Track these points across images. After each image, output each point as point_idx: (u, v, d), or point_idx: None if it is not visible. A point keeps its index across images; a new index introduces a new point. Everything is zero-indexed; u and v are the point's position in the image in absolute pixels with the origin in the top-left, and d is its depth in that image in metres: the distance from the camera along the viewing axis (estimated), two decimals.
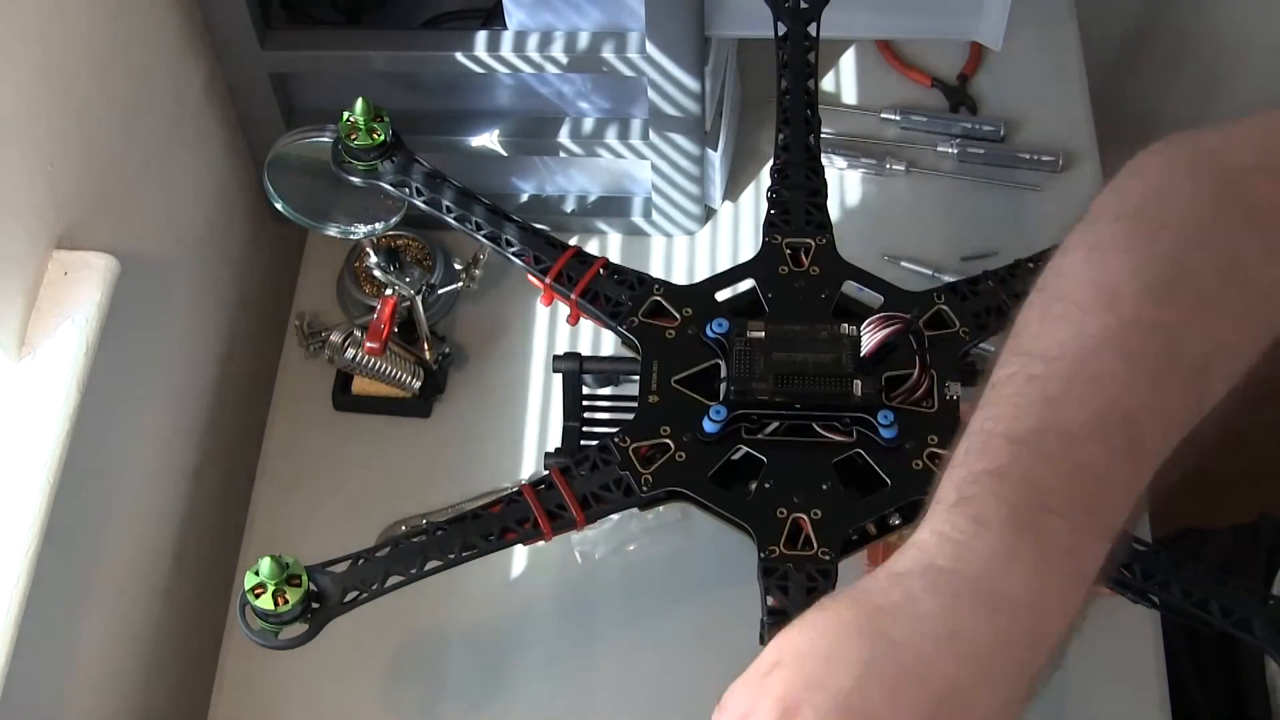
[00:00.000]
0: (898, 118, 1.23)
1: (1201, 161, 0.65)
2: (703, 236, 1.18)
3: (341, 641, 0.76)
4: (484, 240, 0.85)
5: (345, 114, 0.87)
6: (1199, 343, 0.59)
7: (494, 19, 1.06)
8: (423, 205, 0.87)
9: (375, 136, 0.86)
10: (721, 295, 0.83)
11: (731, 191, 1.19)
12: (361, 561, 0.73)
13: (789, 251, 0.83)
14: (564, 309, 0.85)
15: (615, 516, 1.00)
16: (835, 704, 0.52)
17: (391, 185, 0.88)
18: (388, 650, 0.99)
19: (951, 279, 1.12)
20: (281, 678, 0.98)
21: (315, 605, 0.71)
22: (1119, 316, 0.59)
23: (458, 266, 1.12)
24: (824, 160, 1.19)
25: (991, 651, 0.53)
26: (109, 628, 0.97)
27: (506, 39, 1.02)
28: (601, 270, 0.83)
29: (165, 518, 1.05)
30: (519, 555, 1.03)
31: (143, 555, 1.02)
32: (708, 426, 0.75)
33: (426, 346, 1.08)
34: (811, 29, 0.90)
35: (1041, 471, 0.55)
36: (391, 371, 1.06)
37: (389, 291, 1.04)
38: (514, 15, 1.02)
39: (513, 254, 0.85)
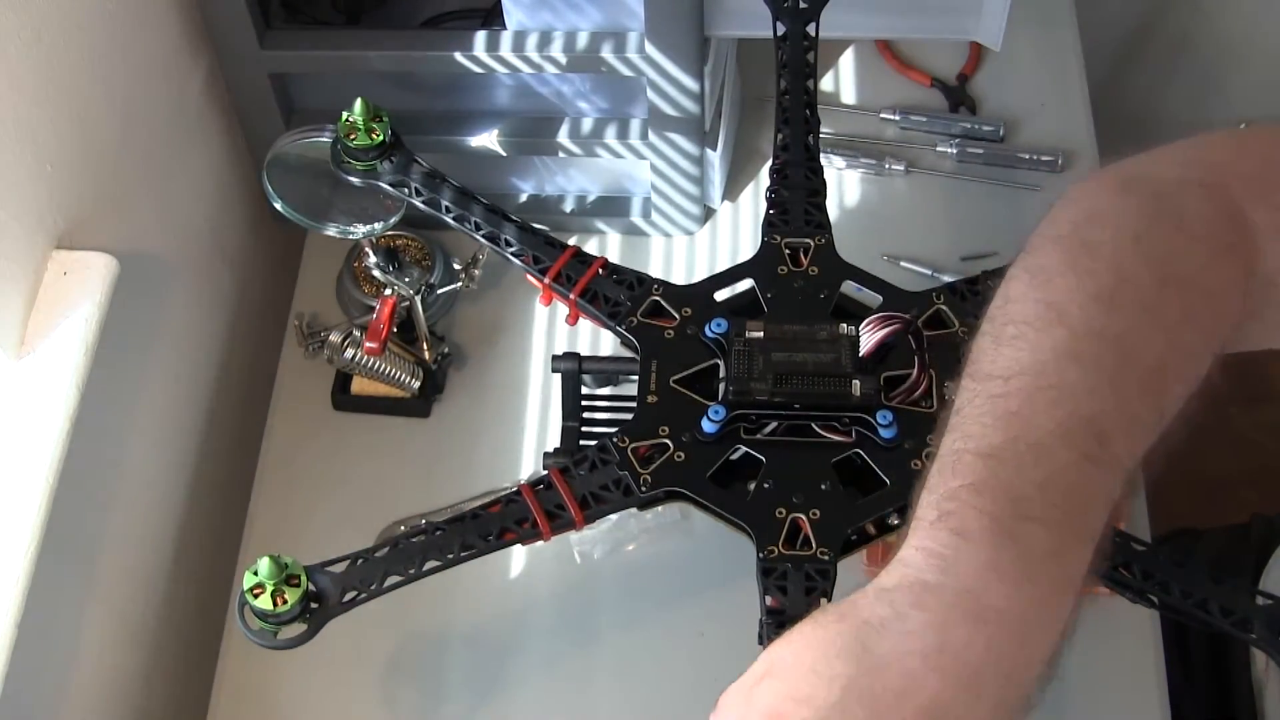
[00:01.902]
0: (897, 118, 1.23)
1: (1128, 182, 0.67)
2: (702, 236, 1.18)
3: (341, 642, 0.76)
4: (483, 240, 0.85)
5: (344, 114, 0.87)
6: (1151, 346, 0.60)
7: (493, 19, 1.07)
8: (422, 205, 0.87)
9: (374, 136, 0.86)
10: (720, 295, 0.83)
11: (731, 191, 1.19)
12: (360, 561, 0.72)
13: (788, 251, 0.83)
14: (563, 309, 0.85)
15: (614, 516, 1.00)
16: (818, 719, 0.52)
17: (390, 185, 0.88)
18: (387, 650, 0.99)
19: (951, 279, 1.13)
20: (281, 678, 0.98)
21: (314, 605, 0.71)
22: (1069, 329, 0.60)
23: (457, 266, 1.12)
24: (823, 160, 1.20)
25: (979, 664, 0.53)
26: (109, 627, 0.97)
27: (506, 39, 1.02)
28: (600, 270, 0.83)
29: (165, 517, 1.06)
30: (518, 555, 1.03)
31: (142, 555, 1.02)
32: (706, 426, 0.75)
33: (425, 346, 1.08)
34: (811, 29, 0.90)
35: (1016, 481, 0.56)
36: (391, 371, 1.06)
37: (388, 291, 1.04)
38: (513, 15, 1.02)
39: (512, 254, 0.85)
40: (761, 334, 0.77)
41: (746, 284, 0.84)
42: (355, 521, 1.03)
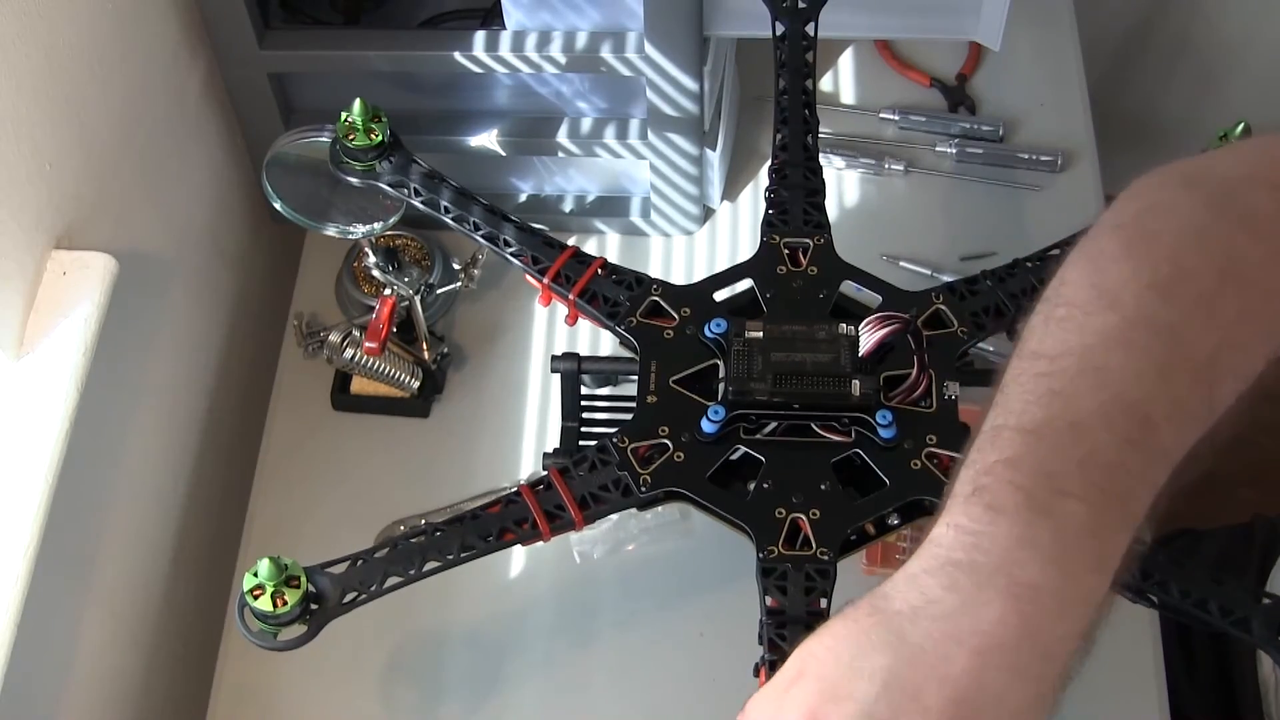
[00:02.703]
0: (896, 118, 1.23)
1: (1195, 176, 0.66)
2: (701, 236, 1.18)
3: (340, 642, 0.75)
4: (482, 240, 0.85)
5: (343, 114, 0.86)
6: (1204, 339, 0.59)
7: (492, 19, 1.07)
8: (420, 205, 0.87)
9: (373, 137, 0.86)
10: (720, 295, 0.83)
11: (730, 191, 1.19)
12: (360, 562, 0.72)
13: (787, 251, 0.83)
14: (562, 309, 0.85)
15: (614, 516, 1.00)
16: (860, 715, 0.52)
17: (389, 185, 0.87)
18: (386, 651, 0.99)
19: (950, 279, 1.12)
20: (280, 678, 0.98)
21: (314, 606, 0.70)
22: (1121, 315, 0.59)
23: (456, 266, 1.12)
24: (822, 160, 1.20)
25: (1016, 642, 0.52)
26: (108, 627, 0.97)
27: (505, 39, 1.02)
28: (600, 270, 0.83)
29: (164, 517, 1.06)
30: (518, 556, 1.03)
31: (141, 555, 1.02)
32: (706, 427, 0.75)
33: (425, 346, 1.08)
34: (810, 28, 0.90)
35: (1055, 458, 0.56)
36: (390, 371, 1.06)
37: (387, 291, 1.04)
38: (512, 15, 1.02)
39: (511, 254, 0.84)
40: (761, 334, 0.77)
41: (746, 284, 0.83)
42: (354, 521, 1.03)
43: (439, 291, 1.11)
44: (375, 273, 1.05)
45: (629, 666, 0.98)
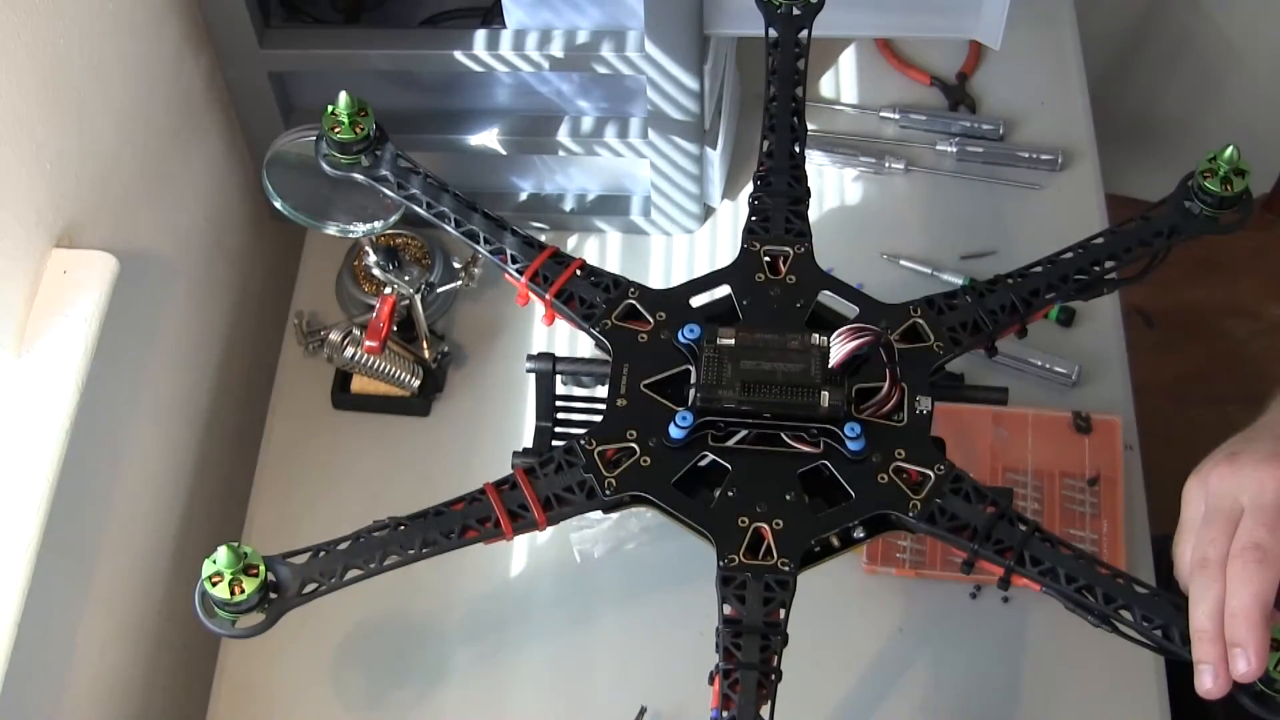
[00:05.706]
0: (897, 116, 1.23)
1: None
2: (702, 235, 1.18)
3: (340, 641, 0.76)
4: (462, 238, 0.84)
5: (329, 107, 0.86)
6: None
7: (493, 18, 1.07)
8: (402, 199, 0.85)
9: (359, 131, 0.85)
10: (698, 300, 0.82)
11: (730, 190, 1.19)
12: (321, 554, 0.72)
13: (767, 259, 0.82)
14: None
15: (614, 515, 1.00)
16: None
17: (371, 179, 0.86)
18: (386, 650, 1.00)
19: (951, 277, 1.12)
20: (280, 677, 0.99)
21: (273, 595, 0.71)
22: None
23: (456, 265, 1.13)
24: (823, 159, 1.20)
25: None
26: (108, 626, 0.98)
27: (505, 38, 1.03)
28: (578, 271, 0.82)
29: (164, 516, 1.06)
30: (518, 554, 1.03)
31: (142, 554, 1.03)
32: (673, 432, 0.75)
33: (425, 345, 1.09)
34: (803, 35, 0.89)
35: None
36: (390, 370, 1.06)
37: (388, 290, 1.05)
38: (513, 14, 1.02)
39: (490, 252, 0.84)
40: (732, 341, 0.76)
41: (726, 290, 0.83)
42: (354, 520, 1.02)
43: (439, 290, 1.12)
44: (376, 271, 1.06)
45: (629, 666, 0.98)
